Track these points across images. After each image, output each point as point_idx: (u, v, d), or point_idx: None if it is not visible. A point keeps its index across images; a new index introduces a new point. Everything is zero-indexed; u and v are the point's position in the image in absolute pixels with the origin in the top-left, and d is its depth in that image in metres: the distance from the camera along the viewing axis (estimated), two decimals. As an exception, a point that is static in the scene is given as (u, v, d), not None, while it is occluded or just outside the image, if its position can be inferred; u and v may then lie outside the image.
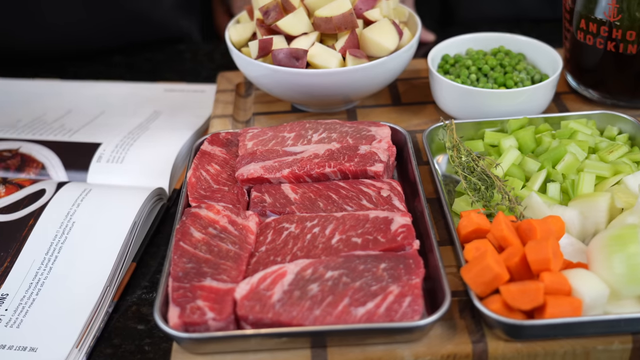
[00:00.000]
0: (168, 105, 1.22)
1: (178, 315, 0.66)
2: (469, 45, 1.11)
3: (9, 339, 0.76)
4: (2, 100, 1.26)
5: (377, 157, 0.84)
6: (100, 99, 1.25)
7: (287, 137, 0.89)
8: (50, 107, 1.22)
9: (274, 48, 0.97)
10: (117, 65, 1.41)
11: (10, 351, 0.75)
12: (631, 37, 0.97)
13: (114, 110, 1.21)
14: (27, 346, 0.76)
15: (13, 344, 0.76)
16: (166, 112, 1.20)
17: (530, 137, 0.92)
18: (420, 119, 1.07)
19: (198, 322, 0.66)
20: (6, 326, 0.78)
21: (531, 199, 0.80)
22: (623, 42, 0.98)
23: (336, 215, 0.77)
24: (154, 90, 1.28)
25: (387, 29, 0.98)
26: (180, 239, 0.73)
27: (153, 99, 1.25)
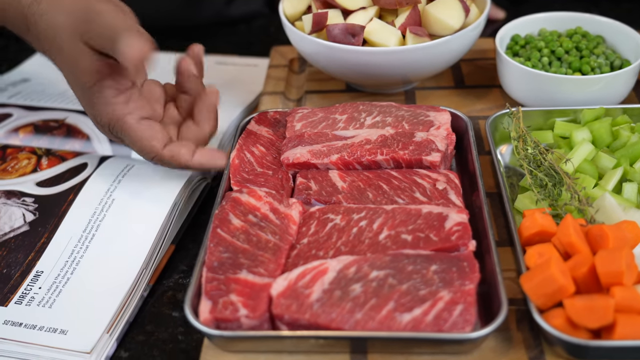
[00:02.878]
0: (219, 79, 1.17)
1: (209, 310, 0.62)
2: (542, 25, 1.02)
3: (41, 319, 0.74)
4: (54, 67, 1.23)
5: (435, 146, 0.77)
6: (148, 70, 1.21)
7: (339, 119, 0.83)
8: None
9: (328, 23, 0.91)
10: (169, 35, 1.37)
11: (40, 332, 0.72)
12: None
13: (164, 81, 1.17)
14: (57, 328, 0.73)
15: (44, 325, 0.73)
16: (217, 86, 1.15)
17: (606, 130, 0.83)
18: (484, 104, 0.99)
19: (230, 319, 0.61)
20: (39, 305, 0.75)
21: (604, 201, 0.72)
22: None
23: (386, 208, 0.71)
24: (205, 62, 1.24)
25: (453, 5, 0.91)
26: (218, 226, 0.69)
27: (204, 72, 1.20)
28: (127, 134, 0.77)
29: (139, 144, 0.77)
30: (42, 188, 0.88)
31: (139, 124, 0.77)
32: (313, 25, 0.91)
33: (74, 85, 0.80)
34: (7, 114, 1.05)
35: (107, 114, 0.77)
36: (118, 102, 0.76)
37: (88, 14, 0.73)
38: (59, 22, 0.75)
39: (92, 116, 0.80)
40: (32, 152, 0.95)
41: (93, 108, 0.78)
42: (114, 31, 0.70)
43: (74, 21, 0.74)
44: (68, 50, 0.76)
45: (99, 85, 0.76)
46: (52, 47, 0.79)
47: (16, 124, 1.03)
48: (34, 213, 0.85)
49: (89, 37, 0.74)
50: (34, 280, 0.78)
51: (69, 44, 0.75)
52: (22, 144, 0.99)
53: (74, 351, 0.71)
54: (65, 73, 0.80)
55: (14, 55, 1.30)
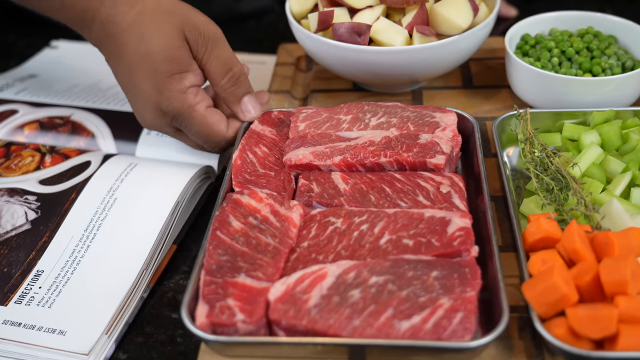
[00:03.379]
0: (226, 76, 1.17)
1: (206, 314, 0.61)
2: (553, 25, 1.00)
3: (40, 319, 0.73)
4: (64, 64, 1.23)
5: (439, 148, 0.76)
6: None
7: (343, 119, 0.82)
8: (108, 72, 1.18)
9: (334, 22, 0.90)
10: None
11: (39, 332, 0.72)
12: None
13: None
14: (56, 329, 0.73)
15: (43, 325, 0.73)
16: (223, 84, 1.14)
17: (616, 133, 0.82)
18: (492, 104, 0.98)
19: (226, 324, 0.60)
20: (38, 305, 0.75)
21: (611, 206, 0.70)
22: None
23: (388, 212, 0.70)
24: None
25: (461, 4, 0.89)
26: (217, 228, 0.68)
27: (212, 69, 1.20)
28: (197, 121, 0.82)
29: (208, 130, 0.83)
30: (45, 186, 0.88)
31: (207, 112, 0.83)
32: (319, 24, 0.90)
33: (144, 69, 0.82)
34: (13, 110, 1.05)
35: (179, 102, 0.81)
36: (191, 92, 0.82)
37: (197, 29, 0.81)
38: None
39: (156, 103, 0.82)
40: (36, 149, 0.95)
41: (162, 95, 0.81)
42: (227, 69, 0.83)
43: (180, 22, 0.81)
44: (160, 35, 0.80)
45: (181, 75, 0.81)
46: (127, 21, 0.82)
47: (22, 120, 1.03)
48: (36, 211, 0.85)
49: (197, 46, 0.81)
50: (34, 280, 0.78)
51: (168, 31, 0.80)
52: (27, 141, 0.99)
53: (71, 352, 0.70)
54: (134, 54, 0.83)
55: (22, 51, 1.30)
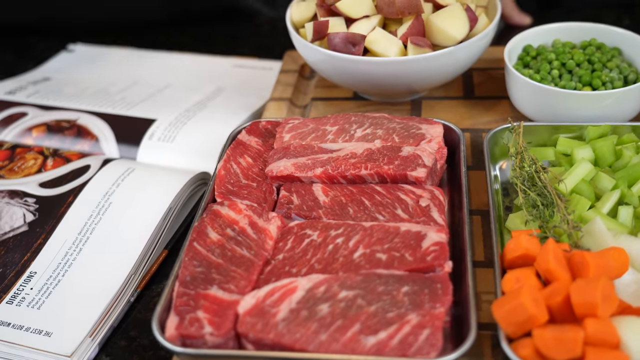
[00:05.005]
0: (233, 82, 1.18)
1: (176, 325, 0.62)
2: (556, 36, 0.98)
3: (29, 320, 0.76)
4: (78, 67, 1.26)
5: (421, 161, 0.76)
6: (167, 71, 1.23)
7: (329, 130, 0.83)
8: (118, 76, 1.21)
9: (330, 31, 0.90)
10: (196, 36, 1.38)
11: (26, 333, 0.74)
12: None
13: (178, 84, 1.18)
14: (43, 330, 0.74)
15: (30, 326, 0.75)
16: (229, 90, 1.16)
17: (609, 149, 0.80)
18: (491, 116, 0.97)
19: (195, 336, 0.61)
20: (28, 306, 0.77)
21: (594, 225, 0.69)
22: None
23: (364, 225, 0.70)
24: (222, 65, 1.25)
25: (457, 15, 0.89)
26: (195, 239, 0.69)
27: (220, 74, 1.21)
28: None
29: None
30: (45, 189, 0.90)
31: None
32: (314, 34, 0.91)
33: None
34: (22, 113, 1.08)
35: None
36: None
37: None
38: None
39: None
40: (39, 152, 0.97)
41: None
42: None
43: None
44: None
45: None
46: None
47: (30, 123, 1.05)
48: (34, 214, 0.87)
49: None
50: (26, 281, 0.80)
51: None
52: (35, 143, 1.02)
53: (55, 354, 0.72)
54: None
55: (41, 53, 1.34)
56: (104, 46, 1.34)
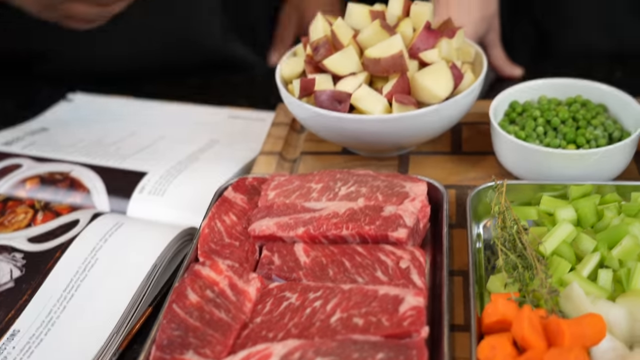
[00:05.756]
0: (227, 133, 1.19)
1: (148, 391, 0.62)
2: (542, 92, 0.99)
3: (8, 379, 0.76)
4: (75, 117, 1.28)
5: (402, 221, 0.76)
6: (163, 122, 1.25)
7: (313, 188, 0.83)
8: (115, 127, 1.23)
9: (316, 89, 0.91)
10: (194, 86, 1.40)
11: (5, 393, 0.75)
12: None
13: (173, 135, 1.20)
14: (21, 390, 0.75)
15: (9, 386, 0.75)
16: (223, 141, 1.17)
17: (591, 209, 0.80)
18: (478, 172, 0.97)
19: (167, 401, 0.61)
20: (10, 365, 0.78)
21: (572, 290, 0.69)
22: None
23: (343, 288, 0.70)
24: (217, 116, 1.26)
25: (441, 73, 0.90)
26: (174, 301, 0.69)
27: (214, 125, 1.23)
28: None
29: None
30: (33, 244, 0.91)
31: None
32: (301, 91, 0.92)
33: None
34: (17, 165, 1.10)
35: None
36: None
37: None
38: None
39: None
40: (30, 206, 0.99)
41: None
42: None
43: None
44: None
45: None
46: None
47: (24, 175, 1.07)
48: (21, 269, 0.88)
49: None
50: (10, 339, 0.80)
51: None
52: (28, 195, 1.03)
53: (33, 414, 0.72)
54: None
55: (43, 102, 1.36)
56: (103, 95, 1.36)
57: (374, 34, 0.91)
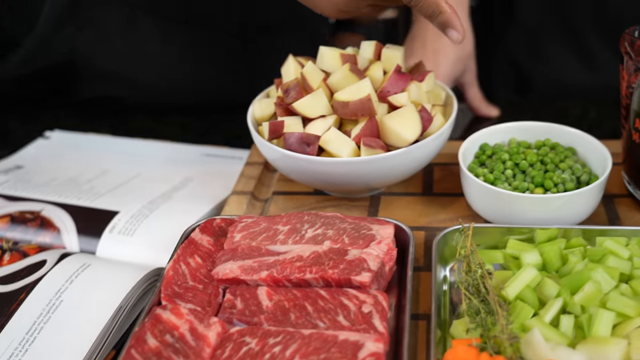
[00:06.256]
0: (201, 172, 1.20)
1: None
2: (512, 134, 1.00)
3: None
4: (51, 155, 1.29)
5: (366, 265, 0.76)
6: (139, 160, 1.25)
7: (280, 230, 0.83)
8: (90, 165, 1.23)
9: (285, 131, 0.92)
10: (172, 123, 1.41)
11: None
12: (691, 145, 0.83)
13: (147, 173, 1.20)
14: None
15: None
16: (197, 180, 1.17)
17: (556, 254, 0.80)
18: (447, 214, 0.97)
19: None
20: (-31, 410, 0.76)
21: (532, 337, 0.69)
22: (682, 149, 0.84)
23: (303, 333, 0.70)
24: (193, 154, 1.27)
25: (410, 117, 0.90)
26: (132, 346, 0.69)
27: (189, 163, 1.23)
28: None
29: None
30: (-1, 285, 0.91)
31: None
32: (270, 133, 0.93)
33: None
34: (-12, 204, 1.09)
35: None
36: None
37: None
38: None
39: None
40: (-1, 245, 0.98)
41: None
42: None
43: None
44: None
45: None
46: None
47: (-5, 214, 1.06)
48: (-15, 312, 0.87)
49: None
50: (-31, 385, 0.79)
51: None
52: (-3, 235, 1.02)
53: None
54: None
55: (20, 140, 1.36)
56: (81, 133, 1.36)
57: (343, 77, 0.92)
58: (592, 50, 1.38)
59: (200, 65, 1.46)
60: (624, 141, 0.94)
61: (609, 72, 1.37)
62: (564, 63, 1.42)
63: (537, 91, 1.45)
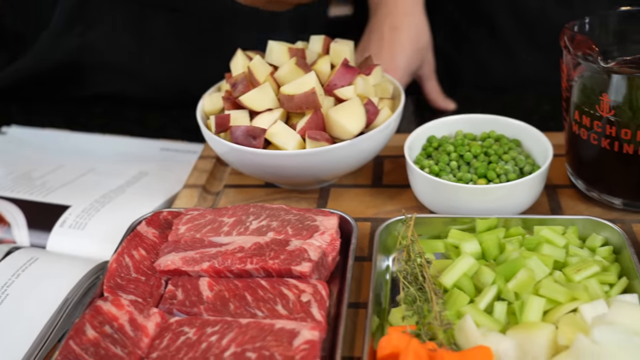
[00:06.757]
0: (157, 166, 1.20)
1: None
2: (459, 127, 1.02)
3: None
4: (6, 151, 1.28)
5: (307, 255, 0.77)
6: (95, 154, 1.25)
7: (225, 222, 0.84)
8: (45, 160, 1.23)
9: (231, 124, 0.93)
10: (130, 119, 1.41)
11: None
12: (627, 136, 0.86)
13: (102, 168, 1.20)
14: None
15: None
16: (152, 174, 1.17)
17: (494, 242, 0.82)
18: (395, 205, 0.99)
19: None
20: None
21: (464, 323, 0.70)
22: (618, 140, 0.86)
23: (241, 322, 0.71)
24: (149, 148, 1.27)
25: (354, 110, 0.92)
26: (71, 337, 0.69)
27: (145, 158, 1.23)
28: None
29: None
30: (-55, 281, 0.90)
31: None
32: (216, 127, 0.93)
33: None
34: (-60, 199, 1.09)
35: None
36: None
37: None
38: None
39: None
40: (-53, 241, 0.98)
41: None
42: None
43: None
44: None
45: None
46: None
47: (-55, 210, 1.06)
48: None
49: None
50: None
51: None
52: (-53, 229, 1.02)
53: None
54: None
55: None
56: (38, 128, 1.36)
57: (289, 71, 0.93)
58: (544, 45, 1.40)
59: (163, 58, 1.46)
60: (566, 133, 0.96)
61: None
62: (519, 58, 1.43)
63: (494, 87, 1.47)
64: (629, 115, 0.84)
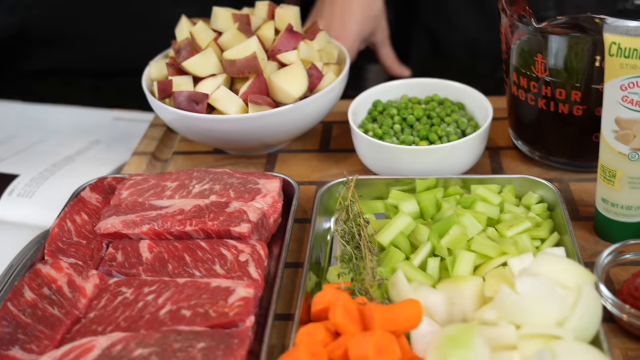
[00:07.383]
0: (109, 136, 1.20)
1: (-28, 386, 0.63)
2: (405, 92, 1.03)
3: None
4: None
5: (246, 217, 0.78)
6: (47, 125, 1.25)
7: (169, 187, 0.85)
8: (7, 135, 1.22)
9: (174, 90, 0.93)
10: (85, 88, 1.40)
11: None
12: (562, 96, 0.87)
13: (54, 138, 1.20)
14: None
15: None
16: (104, 143, 1.18)
17: (432, 202, 0.84)
18: (340, 169, 1.00)
19: (-12, 396, 0.62)
20: None
21: (396, 278, 0.72)
22: (554, 101, 0.88)
23: (178, 282, 0.72)
24: (103, 118, 1.27)
25: (297, 74, 0.92)
26: (10, 299, 0.70)
27: (98, 128, 1.23)
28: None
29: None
30: None
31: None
32: (159, 92, 0.94)
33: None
34: None
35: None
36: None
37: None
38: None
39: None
40: None
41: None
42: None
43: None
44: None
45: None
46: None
47: None
48: None
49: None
50: None
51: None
52: None
53: None
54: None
55: None
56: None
57: (232, 36, 0.94)
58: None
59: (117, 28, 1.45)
60: (507, 96, 0.98)
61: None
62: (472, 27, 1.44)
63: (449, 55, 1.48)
64: (563, 75, 0.85)
